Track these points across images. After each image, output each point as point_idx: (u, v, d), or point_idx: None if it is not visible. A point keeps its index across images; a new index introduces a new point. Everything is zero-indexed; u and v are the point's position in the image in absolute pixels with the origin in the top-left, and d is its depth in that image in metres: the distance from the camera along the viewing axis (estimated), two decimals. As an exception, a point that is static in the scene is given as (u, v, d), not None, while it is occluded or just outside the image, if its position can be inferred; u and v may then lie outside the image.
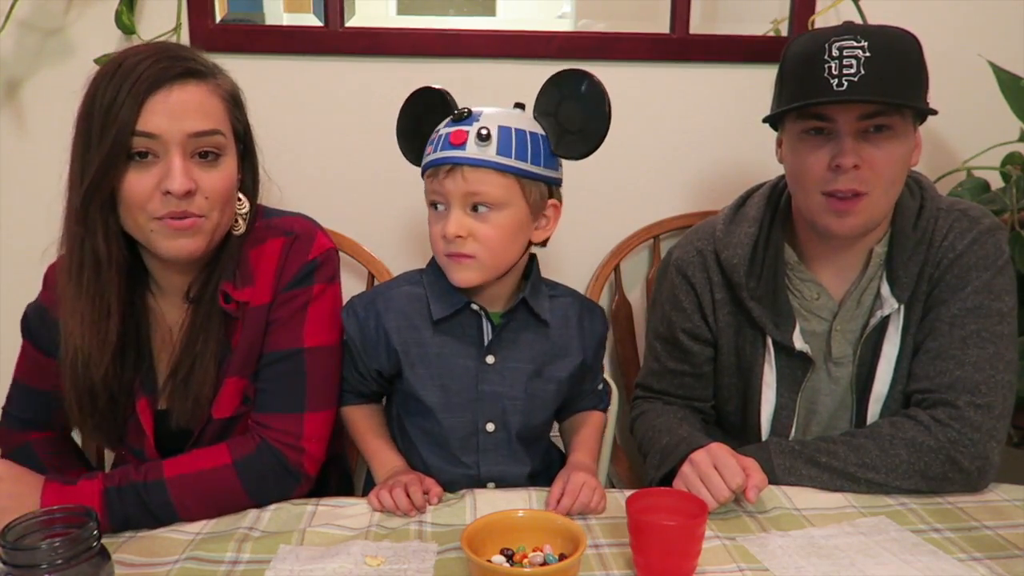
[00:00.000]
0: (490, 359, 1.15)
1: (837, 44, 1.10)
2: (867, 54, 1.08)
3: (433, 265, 1.18)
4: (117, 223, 1.02)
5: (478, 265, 1.09)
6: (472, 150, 1.06)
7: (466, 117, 1.08)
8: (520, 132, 1.08)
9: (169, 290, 1.12)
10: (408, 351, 1.15)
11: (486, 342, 1.15)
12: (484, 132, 1.05)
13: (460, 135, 1.06)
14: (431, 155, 1.10)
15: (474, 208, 1.08)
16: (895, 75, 1.09)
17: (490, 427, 1.16)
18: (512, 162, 1.07)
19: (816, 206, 1.16)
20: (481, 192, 1.07)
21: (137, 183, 0.99)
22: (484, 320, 1.15)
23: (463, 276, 1.10)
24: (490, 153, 1.06)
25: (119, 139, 0.97)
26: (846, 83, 1.09)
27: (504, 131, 1.07)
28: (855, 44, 1.09)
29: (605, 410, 1.29)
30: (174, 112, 0.99)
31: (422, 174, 1.14)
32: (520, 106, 1.14)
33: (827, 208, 1.15)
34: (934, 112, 1.12)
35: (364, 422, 1.22)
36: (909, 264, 1.18)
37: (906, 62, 1.11)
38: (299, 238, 1.13)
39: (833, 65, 1.09)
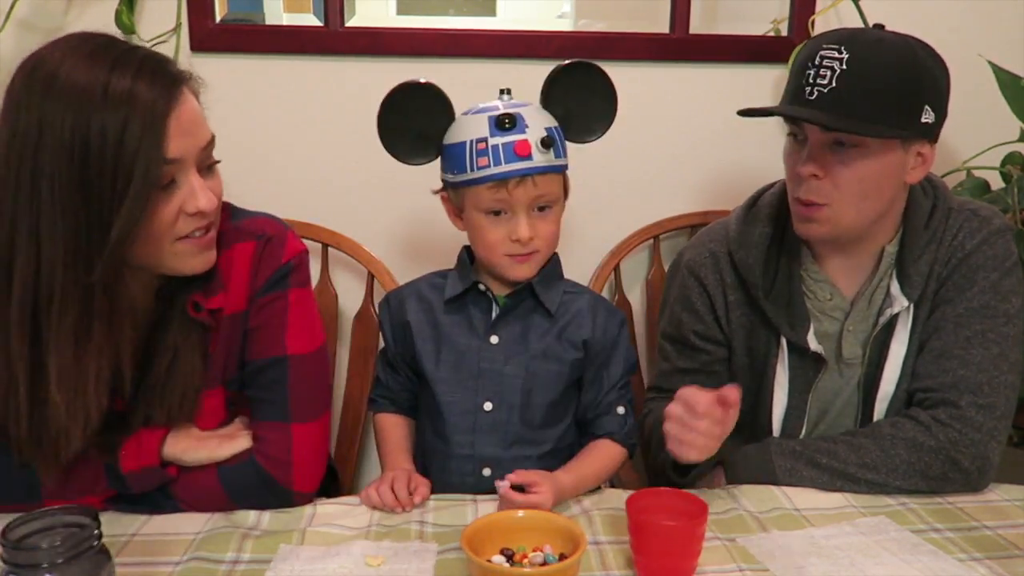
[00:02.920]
0: (494, 339, 1.19)
1: (822, 51, 1.09)
2: (843, 67, 1.07)
3: (460, 262, 1.25)
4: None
5: (539, 259, 1.18)
6: (539, 159, 1.12)
7: (511, 126, 1.12)
8: (557, 129, 1.17)
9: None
10: (421, 328, 1.22)
11: (491, 322, 1.20)
12: (547, 140, 1.12)
13: (525, 146, 1.11)
14: (491, 169, 1.11)
15: (536, 209, 1.15)
16: (866, 92, 1.07)
17: (488, 406, 1.18)
18: (564, 160, 1.17)
19: (792, 210, 1.18)
20: (547, 194, 1.14)
21: (165, 212, 0.93)
22: (493, 303, 1.20)
23: (525, 272, 1.18)
24: (552, 158, 1.14)
25: (150, 174, 0.88)
26: (816, 93, 1.08)
27: (552, 132, 1.14)
28: (836, 55, 1.08)
29: (624, 444, 1.21)
30: (187, 130, 0.93)
31: (465, 183, 1.14)
32: (506, 92, 1.18)
33: (797, 214, 1.17)
34: (897, 136, 1.09)
35: (391, 433, 1.26)
36: (920, 263, 1.17)
37: (884, 78, 1.07)
38: (271, 241, 1.08)
39: (812, 73, 1.09)
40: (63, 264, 0.88)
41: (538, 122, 1.14)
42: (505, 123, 1.12)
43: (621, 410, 1.22)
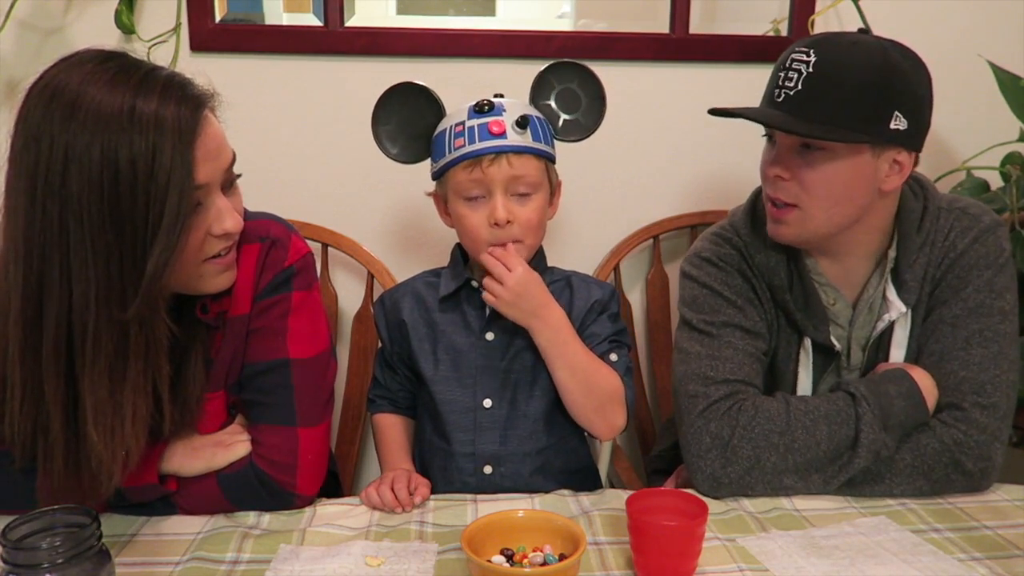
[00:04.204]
0: (489, 336, 1.20)
1: (793, 54, 1.09)
2: (810, 70, 1.06)
3: (452, 259, 1.25)
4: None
5: (520, 250, 1.15)
6: (513, 138, 1.13)
7: (490, 109, 1.14)
8: (540, 119, 1.18)
9: None
10: (417, 327, 1.22)
11: (486, 320, 1.20)
12: (522, 120, 1.13)
13: (500, 125, 1.12)
14: (466, 147, 1.13)
15: (516, 195, 1.14)
16: (830, 95, 1.06)
17: (487, 403, 1.18)
18: (544, 147, 1.16)
19: (766, 211, 1.17)
20: (524, 175, 1.13)
21: (193, 237, 0.91)
22: None
23: None
24: (528, 139, 1.14)
25: (183, 204, 0.86)
26: (783, 96, 1.08)
27: (532, 119, 1.15)
28: (804, 57, 1.07)
29: (623, 383, 1.18)
30: (213, 154, 0.92)
31: (443, 168, 1.17)
32: (500, 96, 1.19)
33: (769, 214, 1.16)
34: (861, 142, 1.06)
35: (390, 433, 1.26)
36: (915, 267, 1.16)
37: (849, 82, 1.06)
38: (276, 243, 1.07)
39: (782, 76, 1.09)
40: (96, 302, 0.85)
41: (517, 108, 1.15)
42: (484, 107, 1.14)
43: (614, 357, 1.21)
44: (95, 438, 0.87)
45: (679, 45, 1.64)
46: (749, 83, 1.64)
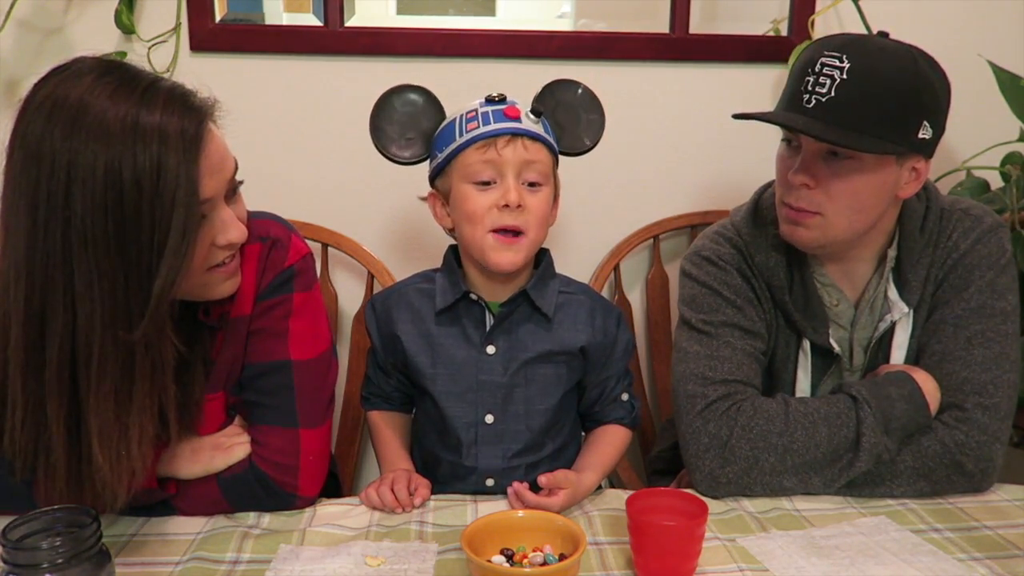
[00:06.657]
0: (490, 349, 1.16)
1: (823, 58, 1.06)
2: (843, 76, 1.04)
3: (446, 263, 1.20)
4: None
5: (526, 244, 1.12)
6: (528, 124, 1.11)
7: (502, 100, 1.13)
8: (548, 127, 1.16)
9: None
10: (412, 340, 1.18)
11: (487, 332, 1.17)
12: (536, 110, 1.12)
13: (515, 111, 1.11)
14: (480, 128, 1.10)
15: (526, 184, 1.12)
16: (864, 103, 1.04)
17: (489, 419, 1.16)
18: (553, 142, 1.15)
19: (780, 213, 1.16)
20: (538, 161, 1.12)
21: (200, 248, 0.91)
22: (486, 311, 1.17)
23: (510, 258, 1.11)
24: (542, 130, 1.13)
25: (189, 223, 0.85)
26: (814, 101, 1.06)
27: (543, 116, 1.14)
28: (837, 63, 1.05)
29: (632, 427, 1.25)
30: (215, 167, 0.90)
31: (453, 152, 1.13)
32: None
33: (785, 217, 1.15)
34: (893, 152, 1.06)
35: (385, 430, 1.25)
36: (917, 267, 1.16)
37: (884, 91, 1.05)
38: (276, 243, 1.06)
39: (811, 80, 1.07)
40: (101, 324, 0.83)
41: (528, 107, 1.15)
42: (495, 98, 1.14)
43: (625, 397, 1.23)
44: (100, 461, 0.86)
45: (679, 45, 1.64)
46: (749, 83, 1.65)
